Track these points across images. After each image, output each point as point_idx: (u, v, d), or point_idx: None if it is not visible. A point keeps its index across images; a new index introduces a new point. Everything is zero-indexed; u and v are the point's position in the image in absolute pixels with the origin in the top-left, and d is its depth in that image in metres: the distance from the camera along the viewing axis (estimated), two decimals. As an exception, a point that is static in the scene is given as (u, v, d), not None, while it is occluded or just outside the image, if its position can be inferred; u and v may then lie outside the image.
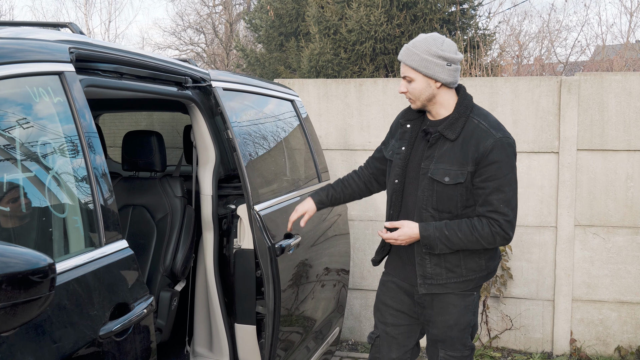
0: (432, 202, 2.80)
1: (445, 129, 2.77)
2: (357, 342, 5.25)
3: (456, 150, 2.75)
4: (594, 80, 4.72)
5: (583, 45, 13.78)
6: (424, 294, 2.90)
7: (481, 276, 2.89)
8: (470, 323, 2.93)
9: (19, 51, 2.03)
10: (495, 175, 2.70)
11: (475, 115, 2.79)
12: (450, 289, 2.86)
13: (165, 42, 29.00)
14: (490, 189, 2.71)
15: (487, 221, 2.72)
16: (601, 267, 4.82)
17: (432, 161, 2.79)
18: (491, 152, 2.69)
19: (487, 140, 2.70)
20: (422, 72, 2.74)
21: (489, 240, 2.74)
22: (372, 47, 10.01)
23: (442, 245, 2.76)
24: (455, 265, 2.83)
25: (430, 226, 2.77)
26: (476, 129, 2.74)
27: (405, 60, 2.77)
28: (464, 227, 2.74)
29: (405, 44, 2.82)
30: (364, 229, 5.15)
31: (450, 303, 2.88)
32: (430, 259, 2.85)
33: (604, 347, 4.88)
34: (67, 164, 2.12)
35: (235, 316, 3.27)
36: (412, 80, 2.78)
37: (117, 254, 2.17)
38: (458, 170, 2.73)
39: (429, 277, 2.86)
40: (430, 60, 2.72)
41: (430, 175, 2.78)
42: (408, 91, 2.83)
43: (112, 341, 2.02)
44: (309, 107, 5.14)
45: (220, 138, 3.29)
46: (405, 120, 2.99)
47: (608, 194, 4.76)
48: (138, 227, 3.45)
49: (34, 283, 1.43)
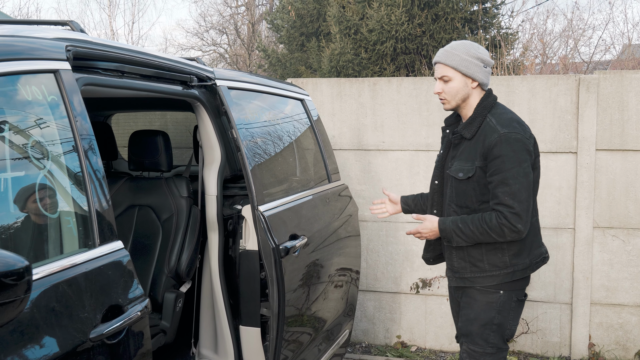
0: (454, 198, 2.99)
1: (463, 129, 2.95)
2: (371, 344, 5.19)
3: (470, 148, 2.92)
4: (614, 78, 4.60)
5: (608, 44, 13.55)
6: (455, 287, 3.10)
7: (506, 273, 2.93)
8: (494, 321, 2.94)
9: (13, 48, 2.01)
10: (499, 169, 2.80)
11: (491, 114, 2.93)
12: (476, 283, 2.97)
13: (189, 43, 29.18)
14: (496, 182, 2.81)
15: (495, 214, 2.82)
16: (621, 270, 4.71)
17: (454, 160, 2.99)
18: (495, 147, 2.81)
19: (492, 136, 2.84)
20: (462, 71, 2.90)
21: (498, 232, 2.82)
22: (392, 47, 9.94)
23: (458, 238, 2.89)
24: (477, 259, 2.95)
25: (448, 220, 2.93)
26: (486, 126, 2.89)
27: (444, 61, 2.92)
28: (476, 219, 2.86)
29: (441, 48, 3.00)
30: (377, 230, 5.08)
31: (473, 297, 2.99)
32: (456, 252, 3.00)
33: (623, 352, 4.76)
34: (60, 163, 2.09)
35: (240, 318, 3.24)
36: (450, 79, 2.93)
37: (111, 255, 2.14)
38: (470, 166, 2.90)
39: (455, 270, 3.02)
40: (469, 61, 2.89)
41: (447, 172, 3.01)
42: (443, 91, 2.95)
43: (103, 344, 1.98)
44: (322, 107, 5.09)
45: (226, 137, 3.25)
46: (445, 125, 3.16)
47: (628, 195, 4.64)
48: (143, 227, 3.43)
49: (8, 285, 1.39)
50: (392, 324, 5.17)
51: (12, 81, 1.97)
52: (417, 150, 4.95)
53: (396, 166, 5.01)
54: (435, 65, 2.97)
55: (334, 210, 3.89)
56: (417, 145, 4.95)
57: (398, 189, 5.00)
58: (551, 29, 19.69)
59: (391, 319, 5.17)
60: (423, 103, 4.91)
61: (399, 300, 5.13)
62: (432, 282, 5.03)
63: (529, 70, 9.39)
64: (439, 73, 2.95)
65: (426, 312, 5.08)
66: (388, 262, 5.10)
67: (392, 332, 5.18)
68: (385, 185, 5.03)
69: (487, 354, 2.96)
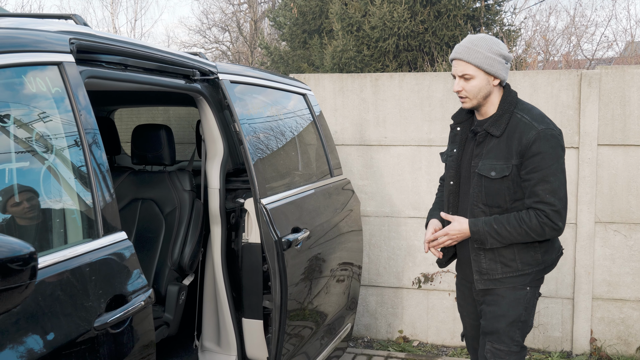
0: (482, 197, 2.86)
1: (491, 126, 2.84)
2: (373, 339, 5.21)
3: (501, 146, 2.81)
4: (616, 73, 4.61)
5: (610, 41, 13.54)
6: (481, 289, 2.95)
7: (538, 270, 2.89)
8: (521, 318, 2.89)
9: (17, 40, 2.02)
10: (539, 166, 2.73)
11: (518, 110, 2.84)
12: (507, 283, 2.88)
13: (191, 40, 29.16)
14: (536, 180, 2.74)
15: (535, 212, 2.75)
16: (622, 265, 4.72)
17: (480, 158, 2.86)
18: (534, 144, 2.73)
19: (530, 133, 2.75)
20: (486, 69, 2.78)
21: (538, 232, 2.76)
22: (395, 44, 9.93)
23: (493, 240, 2.80)
24: (510, 259, 2.86)
25: (480, 221, 2.82)
26: (519, 123, 2.80)
27: (466, 58, 2.79)
28: (512, 220, 2.78)
29: (459, 43, 2.86)
30: (379, 225, 5.10)
31: (500, 295, 2.90)
32: (485, 254, 2.88)
33: (625, 347, 4.77)
34: (64, 154, 2.11)
35: (243, 311, 3.25)
36: (472, 77, 2.81)
37: (115, 246, 2.16)
38: (503, 164, 2.79)
39: (484, 272, 2.90)
40: (492, 58, 2.78)
41: (477, 171, 2.84)
42: (464, 89, 2.84)
43: (107, 333, 2.00)
44: (324, 102, 5.10)
45: (229, 131, 3.27)
46: (455, 123, 3.04)
47: (630, 190, 4.65)
48: (147, 220, 3.45)
49: (14, 271, 1.41)
50: (394, 319, 5.19)
51: (17, 73, 1.99)
52: (419, 146, 4.96)
53: (398, 161, 5.02)
54: (454, 62, 2.85)
55: (336, 205, 3.91)
56: (419, 141, 4.96)
57: (400, 184, 5.01)
58: (554, 25, 19.68)
59: (393, 314, 5.18)
60: (425, 98, 4.93)
61: (401, 295, 5.15)
62: (434, 277, 5.04)
63: (531, 67, 9.38)
64: (460, 71, 2.81)
65: (428, 307, 5.09)
66: (390, 257, 5.11)
67: (394, 327, 5.20)
68: (387, 180, 5.04)
69: (512, 353, 2.88)
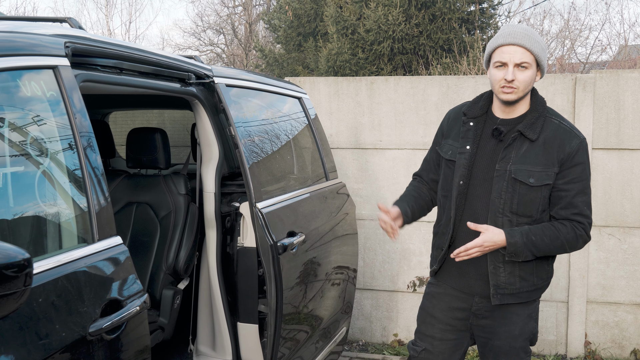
0: (513, 205, 2.63)
1: (527, 128, 2.63)
2: (368, 342, 5.20)
3: (538, 151, 2.61)
4: (610, 77, 4.63)
5: (604, 45, 13.59)
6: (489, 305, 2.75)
7: (546, 283, 2.80)
8: (533, 330, 2.80)
9: (12, 44, 2.02)
10: (580, 177, 2.62)
11: (551, 115, 2.68)
12: (522, 299, 2.72)
13: (186, 43, 29.13)
14: (576, 191, 2.62)
15: (572, 224, 2.62)
16: (617, 269, 4.73)
17: (509, 162, 2.63)
18: (577, 154, 2.60)
19: (573, 141, 2.61)
20: (541, 61, 2.60)
21: (573, 245, 2.65)
22: (390, 47, 9.96)
23: (528, 252, 2.61)
24: (528, 273, 2.70)
25: (517, 232, 2.60)
26: (559, 129, 2.63)
27: (528, 45, 2.56)
28: (549, 231, 2.62)
29: (508, 29, 2.61)
30: (375, 228, 5.10)
31: (514, 312, 2.74)
32: (505, 267, 2.67)
33: (619, 350, 4.78)
34: (59, 158, 2.10)
35: (238, 315, 3.24)
36: (529, 67, 2.58)
37: (110, 250, 2.15)
38: (542, 171, 2.60)
39: (502, 286, 2.69)
40: (545, 50, 2.62)
41: (513, 176, 2.61)
42: (517, 79, 2.57)
43: (102, 338, 1.99)
44: (319, 106, 5.10)
45: (224, 135, 3.26)
46: (468, 117, 2.78)
47: (624, 194, 4.66)
48: (141, 224, 3.44)
49: (9, 277, 1.40)
50: (389, 322, 5.19)
51: (11, 77, 1.98)
52: (414, 149, 4.96)
53: (393, 165, 5.03)
54: (509, 48, 2.56)
55: (331, 208, 3.91)
56: (414, 144, 4.96)
57: (395, 188, 5.01)
58: (548, 29, 19.76)
59: (388, 317, 5.18)
60: (420, 102, 4.93)
61: (396, 298, 5.15)
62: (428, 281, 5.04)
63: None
64: (519, 58, 2.55)
65: (423, 311, 5.09)
66: (385, 260, 5.11)
67: (389, 331, 5.19)
68: (383, 183, 5.04)
69: None
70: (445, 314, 2.87)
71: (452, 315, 2.85)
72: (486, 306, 2.76)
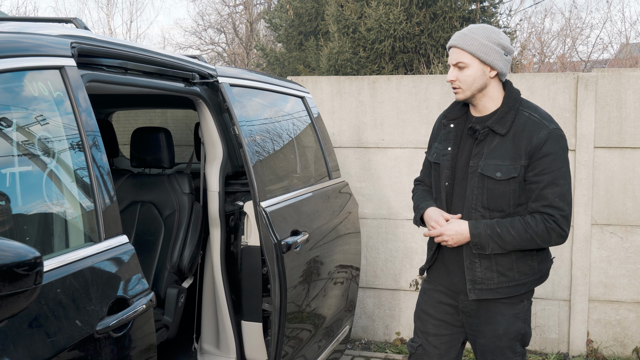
0: (483, 200, 2.65)
1: (495, 123, 2.64)
2: (370, 341, 5.22)
3: (507, 145, 2.62)
4: (612, 76, 4.64)
5: (605, 43, 13.60)
6: (472, 300, 2.75)
7: (534, 280, 2.73)
8: (521, 331, 2.76)
9: (19, 45, 2.03)
10: (549, 168, 2.58)
11: (524, 108, 2.67)
12: (502, 294, 2.70)
13: (187, 42, 29.16)
14: (545, 183, 2.58)
15: (542, 217, 2.59)
16: (619, 267, 4.74)
17: (481, 158, 2.65)
18: (545, 144, 2.57)
19: (541, 132, 2.59)
20: (481, 57, 2.61)
21: (544, 238, 2.60)
22: (391, 46, 9.97)
23: (494, 245, 2.61)
24: (507, 268, 2.68)
25: (481, 224, 2.62)
26: (528, 122, 2.62)
27: (461, 45, 2.62)
28: (517, 224, 2.60)
29: (459, 31, 2.68)
30: (377, 227, 5.11)
31: (498, 312, 2.73)
32: (481, 262, 2.68)
33: (621, 349, 4.80)
34: (66, 158, 2.12)
35: (242, 313, 3.26)
36: (467, 66, 2.63)
37: (116, 249, 2.16)
38: (510, 165, 2.60)
39: (479, 281, 2.69)
40: (490, 46, 2.61)
41: (480, 171, 2.64)
42: (458, 79, 2.65)
43: (109, 336, 2.01)
44: (322, 105, 5.12)
45: (228, 134, 3.28)
46: (448, 120, 2.83)
47: (626, 193, 4.67)
48: (146, 223, 3.46)
49: (20, 276, 1.42)
50: (392, 321, 5.20)
51: (19, 77, 1.99)
52: (416, 148, 4.98)
53: (396, 164, 5.04)
54: (450, 50, 2.67)
55: (334, 207, 3.92)
56: (416, 143, 4.97)
57: (397, 187, 5.03)
58: (549, 27, 19.75)
59: (390, 316, 5.20)
60: (422, 101, 4.94)
61: (398, 297, 5.16)
62: (431, 279, 5.05)
63: (527, 69, 9.43)
64: (454, 59, 2.64)
65: (425, 309, 5.11)
66: (387, 259, 5.13)
67: (392, 329, 5.21)
68: (385, 182, 5.06)
69: None
70: (436, 310, 2.91)
71: (442, 311, 2.89)
72: (472, 304, 2.78)
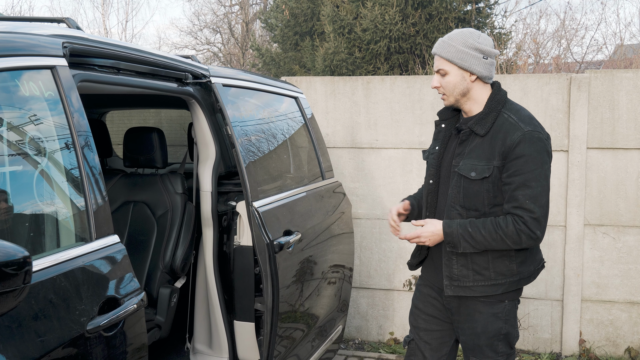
0: (460, 199, 2.71)
1: (475, 124, 2.70)
2: (364, 341, 5.23)
3: (485, 146, 2.67)
4: (605, 77, 4.65)
5: (600, 44, 13.63)
6: (451, 297, 2.81)
7: (512, 281, 2.73)
8: (502, 331, 2.77)
9: (11, 44, 2.03)
10: (521, 170, 2.59)
11: (506, 109, 2.71)
12: (478, 292, 2.73)
13: (182, 42, 29.11)
14: (516, 184, 2.59)
15: (512, 218, 2.60)
16: (611, 267, 4.76)
17: (462, 158, 2.72)
18: (518, 146, 2.59)
19: (515, 134, 2.61)
20: (458, 64, 2.67)
21: (514, 239, 2.61)
22: (386, 46, 9.97)
23: (466, 244, 2.66)
24: (483, 267, 2.71)
25: (454, 223, 2.68)
26: (505, 123, 2.66)
27: (440, 53, 2.70)
28: (488, 224, 2.63)
29: (441, 38, 2.75)
30: (371, 227, 5.12)
31: (476, 310, 2.77)
32: (457, 259, 2.74)
33: (613, 348, 4.82)
34: (57, 158, 2.12)
35: (234, 313, 3.26)
36: (447, 73, 2.70)
37: (107, 249, 2.17)
38: (485, 165, 2.64)
39: (455, 278, 2.75)
40: (466, 52, 2.66)
41: (457, 170, 2.71)
42: (441, 85, 2.74)
43: (100, 336, 2.01)
44: (316, 105, 5.12)
45: (221, 135, 3.28)
46: (440, 120, 2.92)
47: (618, 193, 4.69)
48: (138, 223, 3.46)
49: (8, 275, 1.42)
50: (385, 321, 5.21)
51: (10, 77, 2.00)
52: (410, 149, 4.99)
53: (389, 164, 5.05)
54: (434, 57, 2.74)
55: (327, 207, 3.93)
56: (410, 144, 4.99)
57: (391, 187, 5.04)
58: (544, 29, 19.75)
59: (384, 316, 5.20)
60: (416, 101, 4.95)
61: (392, 297, 5.17)
62: (424, 279, 5.06)
63: (522, 70, 9.43)
64: (436, 66, 2.72)
65: (419, 309, 5.12)
66: (381, 259, 5.14)
67: (385, 329, 5.22)
68: (379, 183, 5.07)
69: None
70: (425, 305, 2.98)
71: (432, 306, 2.96)
72: (453, 300, 2.84)
